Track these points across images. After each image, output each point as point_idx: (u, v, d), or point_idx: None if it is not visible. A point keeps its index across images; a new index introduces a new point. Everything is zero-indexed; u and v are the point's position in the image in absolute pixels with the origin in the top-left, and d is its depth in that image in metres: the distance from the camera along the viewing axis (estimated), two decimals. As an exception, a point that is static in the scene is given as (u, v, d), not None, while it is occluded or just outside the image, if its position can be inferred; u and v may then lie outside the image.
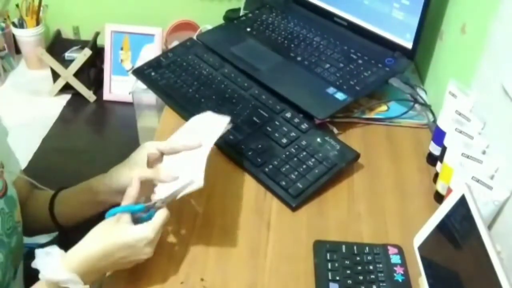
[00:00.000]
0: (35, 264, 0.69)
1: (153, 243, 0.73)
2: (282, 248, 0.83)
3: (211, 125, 0.88)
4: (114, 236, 0.71)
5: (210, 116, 0.90)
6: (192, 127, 0.91)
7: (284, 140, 0.99)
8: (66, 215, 0.90)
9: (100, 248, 0.71)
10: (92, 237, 0.72)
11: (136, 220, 0.75)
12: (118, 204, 0.77)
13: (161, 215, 0.74)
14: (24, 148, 0.88)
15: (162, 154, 0.84)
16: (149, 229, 0.72)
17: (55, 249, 0.70)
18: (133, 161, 0.83)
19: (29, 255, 1.01)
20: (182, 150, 0.84)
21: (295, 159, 0.95)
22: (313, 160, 0.95)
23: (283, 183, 0.91)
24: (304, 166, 0.93)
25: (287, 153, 0.96)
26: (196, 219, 0.87)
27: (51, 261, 0.69)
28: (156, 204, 0.76)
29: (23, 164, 1.55)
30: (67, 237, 1.09)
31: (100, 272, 0.73)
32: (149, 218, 0.75)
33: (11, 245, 0.77)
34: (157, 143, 0.85)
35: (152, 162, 0.84)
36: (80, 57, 1.81)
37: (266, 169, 0.94)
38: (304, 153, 0.96)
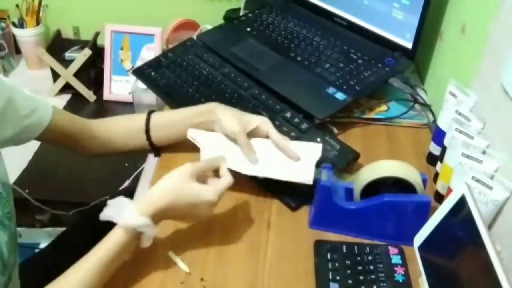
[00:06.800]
0: (107, 214, 0.72)
1: (214, 205, 0.78)
2: (282, 248, 0.83)
3: (306, 151, 0.90)
4: (182, 194, 0.75)
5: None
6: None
7: (284, 140, 0.98)
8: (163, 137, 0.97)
9: (167, 202, 0.74)
10: (161, 191, 0.75)
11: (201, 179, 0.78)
12: None
13: (227, 181, 0.79)
14: (24, 148, 0.87)
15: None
16: (214, 193, 0.76)
17: (124, 199, 0.74)
18: (246, 120, 0.91)
19: (27, 258, 1.01)
20: (285, 151, 0.90)
21: (295, 159, 0.95)
22: (313, 160, 0.94)
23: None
24: (304, 166, 0.93)
25: (287, 153, 0.96)
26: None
27: (125, 209, 0.72)
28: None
29: (23, 164, 1.55)
30: (68, 238, 1.09)
31: (162, 220, 0.77)
32: None
33: (12, 229, 0.77)
34: (270, 127, 0.91)
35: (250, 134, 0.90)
36: (80, 57, 1.80)
37: (266, 169, 0.94)
38: (304, 153, 0.96)
